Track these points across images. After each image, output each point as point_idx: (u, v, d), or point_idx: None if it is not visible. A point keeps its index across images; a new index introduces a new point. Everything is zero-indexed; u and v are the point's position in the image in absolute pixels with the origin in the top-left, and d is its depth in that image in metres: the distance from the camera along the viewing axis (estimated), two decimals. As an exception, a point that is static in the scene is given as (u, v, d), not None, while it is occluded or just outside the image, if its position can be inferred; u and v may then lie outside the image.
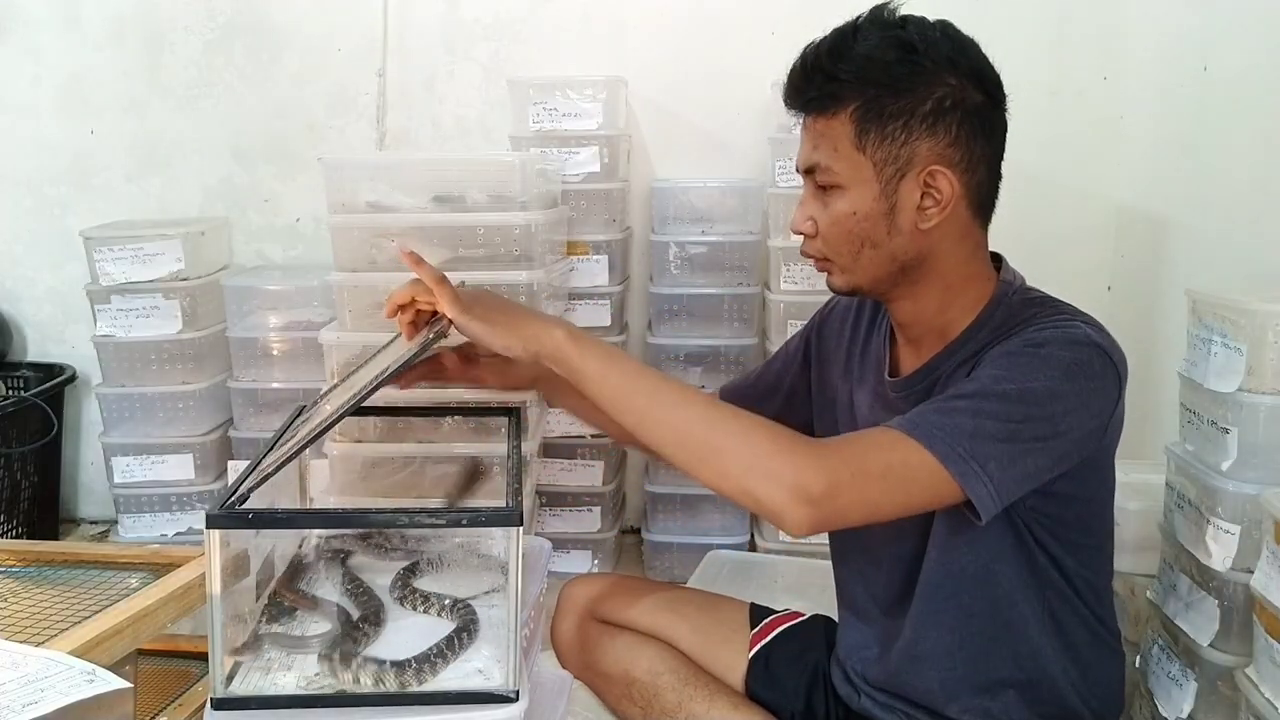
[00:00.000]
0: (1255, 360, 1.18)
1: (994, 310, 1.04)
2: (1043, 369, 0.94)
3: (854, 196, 1.00)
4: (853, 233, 1.01)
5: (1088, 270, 2.14)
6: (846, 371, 1.20)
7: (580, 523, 2.11)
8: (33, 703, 0.72)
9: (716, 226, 2.06)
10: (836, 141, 1.00)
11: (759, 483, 0.91)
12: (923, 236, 1.01)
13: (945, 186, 0.99)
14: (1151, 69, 2.00)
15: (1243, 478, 1.19)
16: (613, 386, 0.99)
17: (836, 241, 1.03)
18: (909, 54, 0.97)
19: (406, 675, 0.99)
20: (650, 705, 1.27)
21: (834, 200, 1.02)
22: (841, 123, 0.99)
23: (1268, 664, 1.10)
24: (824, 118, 1.01)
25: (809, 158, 1.03)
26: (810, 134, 1.03)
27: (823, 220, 1.03)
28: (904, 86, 0.97)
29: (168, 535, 2.15)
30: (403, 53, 2.22)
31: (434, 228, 1.77)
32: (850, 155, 0.99)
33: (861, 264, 1.03)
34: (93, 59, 2.26)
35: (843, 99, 0.98)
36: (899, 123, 0.97)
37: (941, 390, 1.02)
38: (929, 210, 1.00)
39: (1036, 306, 1.03)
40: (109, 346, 2.09)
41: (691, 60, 2.17)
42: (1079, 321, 0.99)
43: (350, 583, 1.18)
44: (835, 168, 1.00)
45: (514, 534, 0.99)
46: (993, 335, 1.02)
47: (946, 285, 1.04)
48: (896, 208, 1.00)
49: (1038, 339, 0.96)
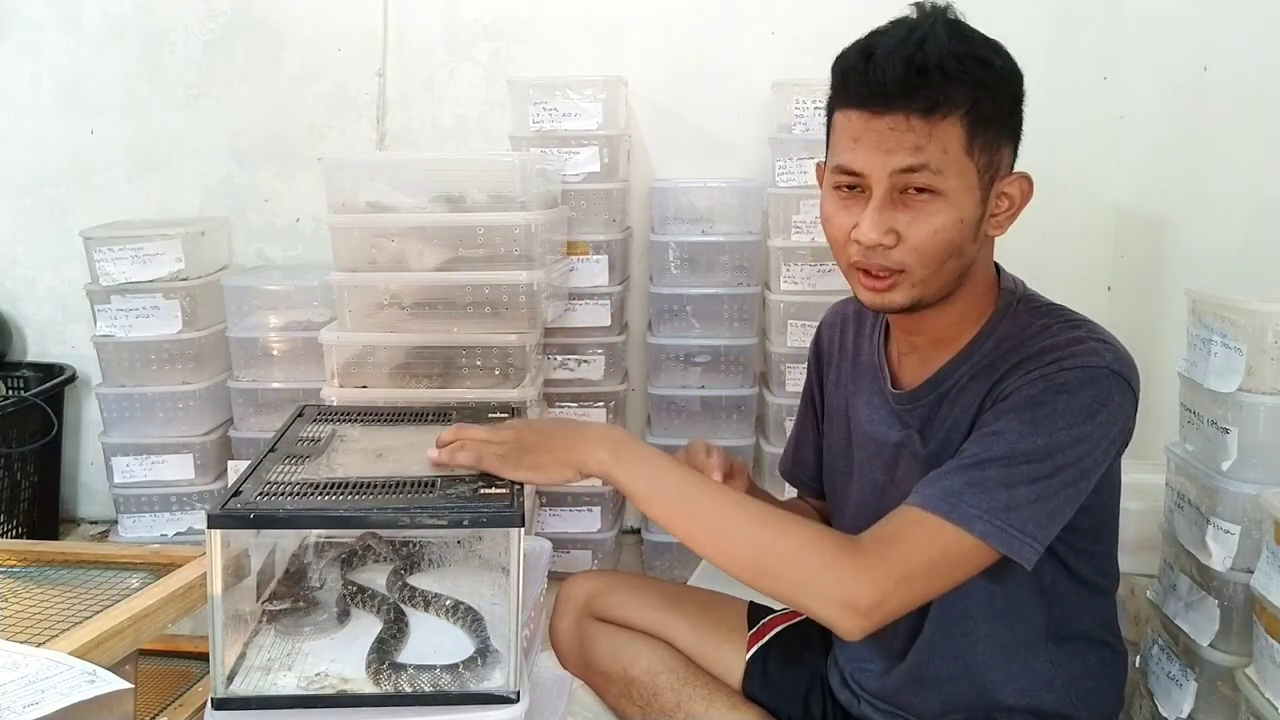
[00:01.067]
0: (1255, 360, 1.18)
1: (999, 320, 1.03)
2: (1066, 416, 0.93)
3: (959, 203, 0.95)
4: (950, 243, 0.96)
5: (1088, 270, 2.14)
6: (839, 384, 1.19)
7: (580, 523, 2.11)
8: (34, 703, 0.72)
9: (716, 226, 2.06)
10: (946, 144, 0.93)
11: (812, 602, 0.93)
12: (987, 244, 1.01)
13: (1022, 191, 0.99)
14: (1151, 69, 2.00)
15: (1243, 478, 1.19)
16: (659, 509, 0.99)
17: (930, 252, 0.95)
18: (1001, 58, 0.96)
19: (443, 681, 1.00)
20: (649, 705, 1.27)
21: (933, 208, 0.94)
22: (952, 125, 0.93)
23: (1268, 664, 1.10)
24: (932, 119, 0.93)
25: (910, 157, 0.93)
26: (913, 134, 0.93)
27: (916, 230, 0.95)
28: (1001, 91, 0.95)
29: (168, 535, 2.15)
30: (403, 53, 2.22)
31: (434, 228, 1.77)
32: (960, 160, 0.94)
33: (941, 275, 0.98)
34: (93, 59, 2.26)
35: (958, 101, 0.93)
36: (996, 128, 0.95)
37: (952, 404, 1.02)
38: (1000, 216, 0.99)
39: (1043, 317, 1.02)
40: (109, 346, 2.09)
41: (691, 60, 2.17)
42: (1093, 340, 0.97)
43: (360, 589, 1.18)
44: (947, 171, 0.94)
45: (514, 534, 0.99)
46: (999, 347, 1.01)
47: (975, 291, 1.03)
48: (984, 216, 0.98)
49: (1059, 381, 0.93)
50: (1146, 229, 2.01)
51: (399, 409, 1.43)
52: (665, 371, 2.10)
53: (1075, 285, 2.14)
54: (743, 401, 2.08)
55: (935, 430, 1.05)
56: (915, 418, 1.06)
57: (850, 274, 1.02)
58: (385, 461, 1.17)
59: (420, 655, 1.06)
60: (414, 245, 1.77)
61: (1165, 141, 1.94)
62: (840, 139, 0.98)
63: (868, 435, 1.12)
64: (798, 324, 1.98)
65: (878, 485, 1.11)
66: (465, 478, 1.08)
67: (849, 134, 0.96)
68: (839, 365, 1.20)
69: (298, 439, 1.23)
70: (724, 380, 2.09)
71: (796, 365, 2.00)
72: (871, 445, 1.12)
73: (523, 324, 1.77)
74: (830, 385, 1.22)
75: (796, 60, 2.05)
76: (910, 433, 1.07)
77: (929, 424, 1.06)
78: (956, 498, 0.91)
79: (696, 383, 2.09)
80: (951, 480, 0.93)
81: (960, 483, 0.92)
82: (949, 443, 1.02)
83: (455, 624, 1.12)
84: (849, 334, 1.20)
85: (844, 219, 0.99)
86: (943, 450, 1.03)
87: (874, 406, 1.12)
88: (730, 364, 2.09)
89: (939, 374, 1.05)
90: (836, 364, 1.20)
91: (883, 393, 1.12)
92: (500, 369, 1.78)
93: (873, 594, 0.90)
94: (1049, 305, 1.05)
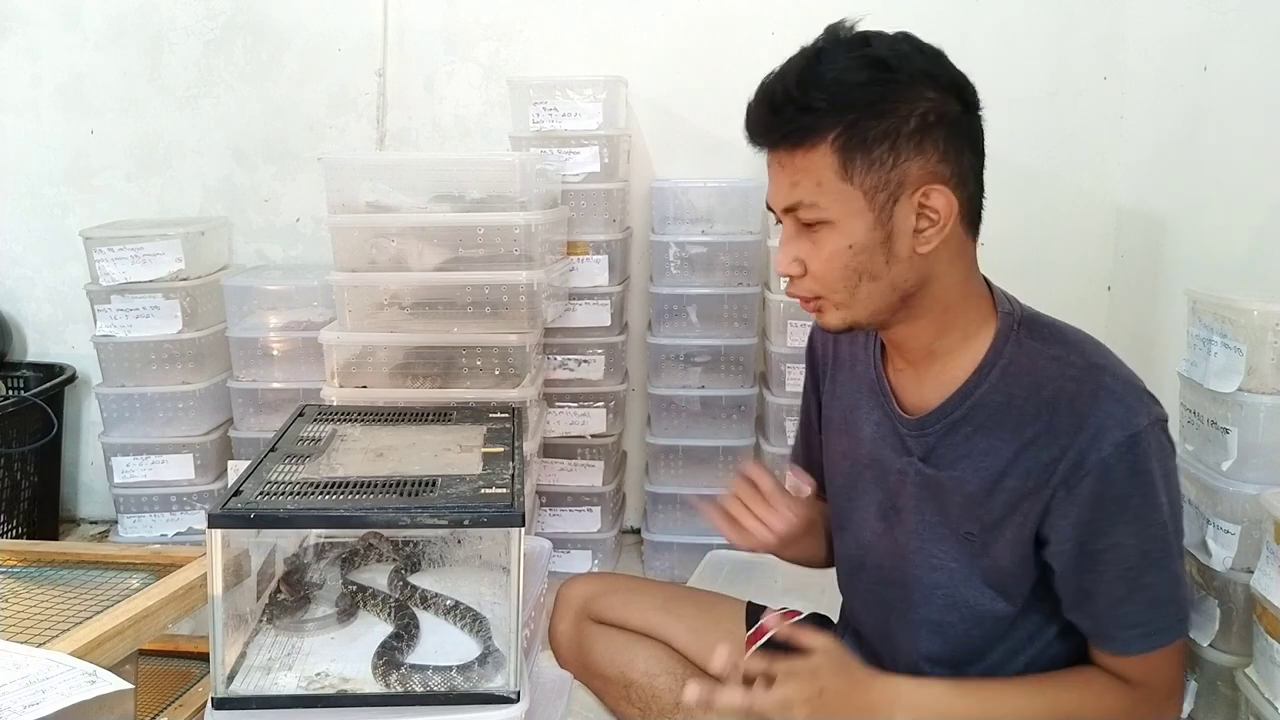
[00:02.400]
0: (1255, 360, 1.18)
1: (1002, 345, 1.01)
2: (1168, 499, 0.97)
3: (847, 230, 0.94)
4: (849, 268, 0.96)
5: (1088, 270, 2.14)
6: (836, 394, 1.17)
7: (580, 523, 2.12)
8: (34, 704, 0.72)
9: (716, 226, 2.07)
10: (819, 175, 0.93)
11: None
12: (922, 260, 0.97)
13: (942, 205, 0.94)
14: (1151, 69, 2.00)
15: (1243, 478, 1.19)
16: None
17: (831, 279, 0.97)
18: (883, 72, 0.92)
19: (444, 681, 1.00)
20: (648, 707, 1.27)
21: (824, 237, 0.96)
22: (821, 154, 0.93)
23: (1268, 664, 1.10)
24: (800, 151, 0.94)
25: (788, 196, 0.96)
26: (786, 170, 0.96)
27: (814, 259, 0.97)
28: (884, 107, 0.91)
29: (168, 535, 2.15)
30: (403, 53, 2.22)
31: (434, 228, 1.77)
32: (836, 187, 0.93)
33: (859, 299, 0.98)
34: (93, 59, 2.26)
35: (820, 129, 0.92)
36: (884, 145, 0.92)
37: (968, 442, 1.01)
38: (927, 232, 0.95)
39: (1050, 344, 1.00)
40: (109, 346, 2.09)
41: (691, 60, 2.17)
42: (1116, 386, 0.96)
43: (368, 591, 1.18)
44: (822, 203, 0.94)
45: (515, 534, 1.00)
46: (1011, 382, 0.99)
47: (945, 307, 1.01)
48: (893, 234, 0.94)
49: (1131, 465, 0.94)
50: (1146, 229, 2.01)
51: (399, 409, 1.43)
52: (665, 371, 2.10)
53: (1075, 285, 2.15)
54: (743, 401, 2.08)
55: (944, 462, 1.03)
56: (920, 445, 1.05)
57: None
58: (385, 461, 1.17)
59: (421, 655, 1.07)
60: (414, 245, 1.77)
61: (1165, 141, 1.94)
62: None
63: (872, 455, 1.11)
64: (798, 324, 1.98)
65: (881, 507, 1.10)
66: (465, 477, 1.08)
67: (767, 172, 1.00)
68: (834, 375, 1.19)
69: (298, 439, 1.23)
70: (724, 380, 2.09)
71: (796, 365, 2.00)
72: (877, 466, 1.10)
73: (523, 324, 1.77)
74: (827, 395, 1.20)
75: (796, 60, 2.04)
76: (912, 460, 1.06)
77: (934, 454, 1.04)
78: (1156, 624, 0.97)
79: (696, 383, 2.09)
80: (1129, 610, 0.97)
81: (1140, 610, 0.97)
82: (962, 480, 1.01)
83: (455, 624, 1.13)
84: (843, 344, 1.18)
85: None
86: (953, 485, 1.02)
87: (876, 424, 1.11)
88: (730, 364, 2.09)
89: (947, 404, 1.03)
90: (832, 374, 1.19)
91: (886, 412, 1.09)
92: (500, 369, 1.78)
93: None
94: (1050, 327, 1.03)
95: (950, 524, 1.03)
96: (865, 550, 1.12)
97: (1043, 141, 2.09)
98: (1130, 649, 0.98)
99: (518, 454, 1.19)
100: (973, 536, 1.02)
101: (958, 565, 1.04)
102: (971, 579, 1.03)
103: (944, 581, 1.05)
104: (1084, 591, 0.98)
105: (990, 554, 1.01)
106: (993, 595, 1.03)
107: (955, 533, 1.03)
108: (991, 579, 1.02)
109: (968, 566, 1.03)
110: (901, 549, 1.08)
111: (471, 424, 1.34)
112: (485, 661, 1.02)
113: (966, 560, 1.03)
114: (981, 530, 1.01)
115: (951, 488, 1.02)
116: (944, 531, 1.04)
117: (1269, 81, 1.58)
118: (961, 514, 1.02)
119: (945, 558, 1.04)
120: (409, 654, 1.05)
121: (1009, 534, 1.00)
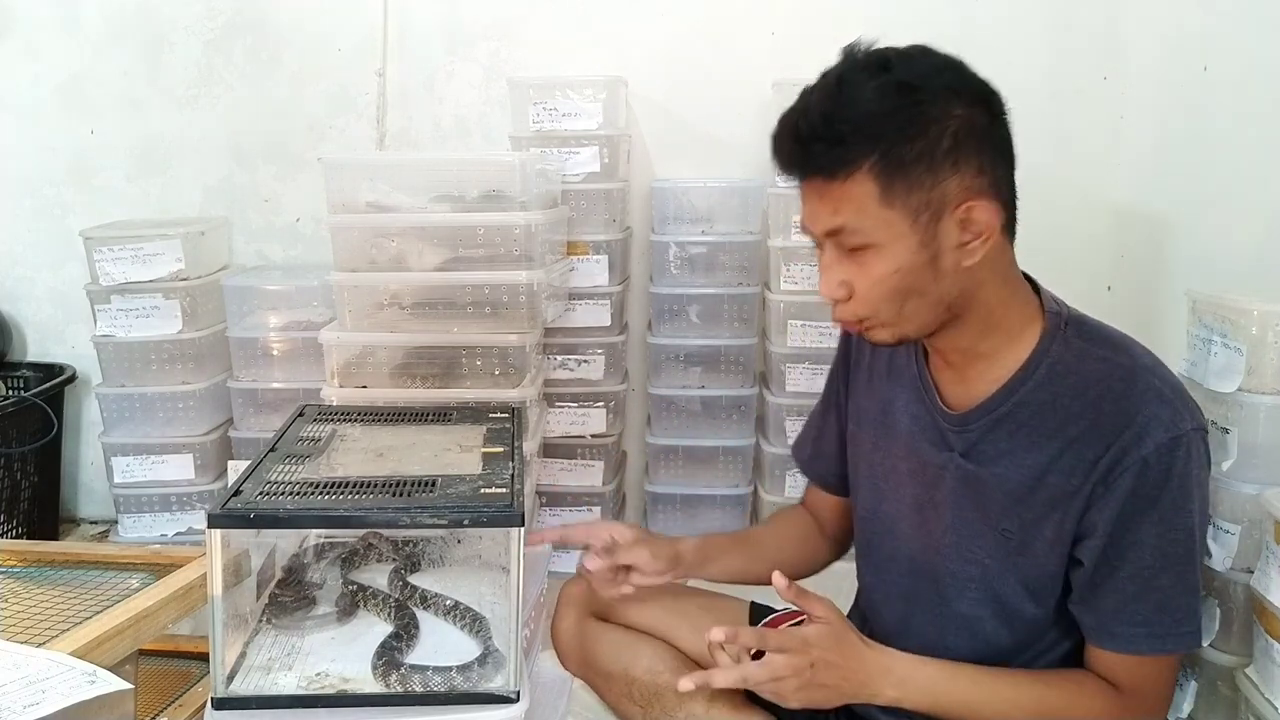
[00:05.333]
0: (1255, 360, 1.18)
1: (1049, 346, 1.01)
2: (1198, 507, 0.97)
3: (893, 253, 0.95)
4: (897, 289, 0.96)
5: (1088, 270, 2.14)
6: (873, 387, 1.17)
7: (580, 523, 2.11)
8: (34, 704, 0.72)
9: (716, 226, 2.06)
10: (859, 202, 0.93)
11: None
12: (966, 273, 0.97)
13: (985, 218, 0.95)
14: (1151, 69, 2.00)
15: (1243, 478, 1.19)
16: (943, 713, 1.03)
17: (879, 301, 0.97)
18: (910, 95, 0.92)
19: (444, 681, 1.00)
20: (650, 705, 1.27)
21: (869, 260, 0.96)
22: (859, 182, 0.93)
23: (1268, 664, 1.10)
24: (836, 181, 0.94)
25: (829, 222, 0.96)
26: (825, 199, 0.95)
27: (860, 282, 0.97)
28: (915, 130, 0.92)
29: (168, 535, 2.14)
30: (403, 53, 2.22)
31: (434, 228, 1.77)
32: (878, 213, 0.93)
33: (906, 315, 0.98)
34: (93, 59, 2.26)
35: (854, 160, 0.92)
36: (921, 167, 0.92)
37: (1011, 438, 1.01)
38: (970, 245, 0.96)
39: (1097, 345, 1.01)
40: (109, 346, 2.09)
41: (691, 60, 2.17)
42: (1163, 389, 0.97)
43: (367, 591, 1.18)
44: (865, 228, 0.94)
45: (515, 534, 1.00)
46: (1056, 380, 1.00)
47: (989, 311, 1.01)
48: (939, 252, 0.95)
49: (1168, 466, 0.95)
50: (1146, 229, 2.01)
51: (399, 409, 1.43)
52: (665, 371, 2.10)
53: (1075, 285, 2.12)
54: (743, 401, 2.08)
55: (986, 458, 1.04)
56: (961, 441, 1.05)
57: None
58: (385, 461, 1.17)
59: (421, 655, 1.07)
60: (414, 245, 1.77)
61: (1165, 141, 1.94)
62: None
63: (911, 449, 1.11)
64: (798, 324, 1.98)
65: (917, 500, 1.11)
66: (465, 477, 1.08)
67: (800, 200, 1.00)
68: (871, 366, 1.18)
69: (298, 439, 1.23)
70: (724, 380, 2.09)
71: (797, 365, 2.00)
72: (914, 459, 1.11)
73: (523, 324, 1.77)
74: (860, 387, 1.20)
75: (796, 60, 2.04)
76: (953, 455, 1.06)
77: (976, 450, 1.05)
78: (1162, 629, 0.98)
79: (696, 383, 2.09)
80: (1137, 608, 0.97)
81: (1148, 610, 0.97)
82: (1004, 478, 1.02)
83: (455, 624, 1.13)
84: None
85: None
86: (994, 482, 1.03)
87: (915, 418, 1.11)
88: (730, 364, 2.09)
89: (992, 400, 1.03)
90: (869, 365, 1.19)
91: (927, 406, 1.10)
92: (500, 369, 1.78)
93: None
94: (1098, 328, 1.04)
95: (989, 520, 1.04)
96: (899, 542, 1.13)
97: (1043, 141, 2.08)
98: (1129, 647, 0.98)
99: (518, 454, 1.19)
100: (1010, 534, 1.03)
101: (993, 561, 1.04)
102: (1005, 576, 1.04)
103: (977, 575, 1.06)
104: (1097, 585, 0.99)
105: (1027, 553, 1.02)
106: (1024, 595, 1.04)
107: (993, 529, 1.04)
108: (1026, 578, 1.03)
109: (1002, 563, 1.04)
110: (937, 543, 1.08)
111: (471, 424, 1.34)
112: (485, 661, 1.02)
113: (1002, 557, 1.04)
114: (1020, 528, 1.02)
115: (992, 484, 1.03)
116: (981, 528, 1.04)
117: (1269, 81, 1.58)
118: (1001, 511, 1.03)
119: (981, 554, 1.05)
120: (409, 654, 1.05)
121: (1048, 532, 1.00)
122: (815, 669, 0.98)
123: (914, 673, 1.02)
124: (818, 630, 1.00)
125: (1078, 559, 1.00)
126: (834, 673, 0.99)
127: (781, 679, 0.98)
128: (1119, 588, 0.98)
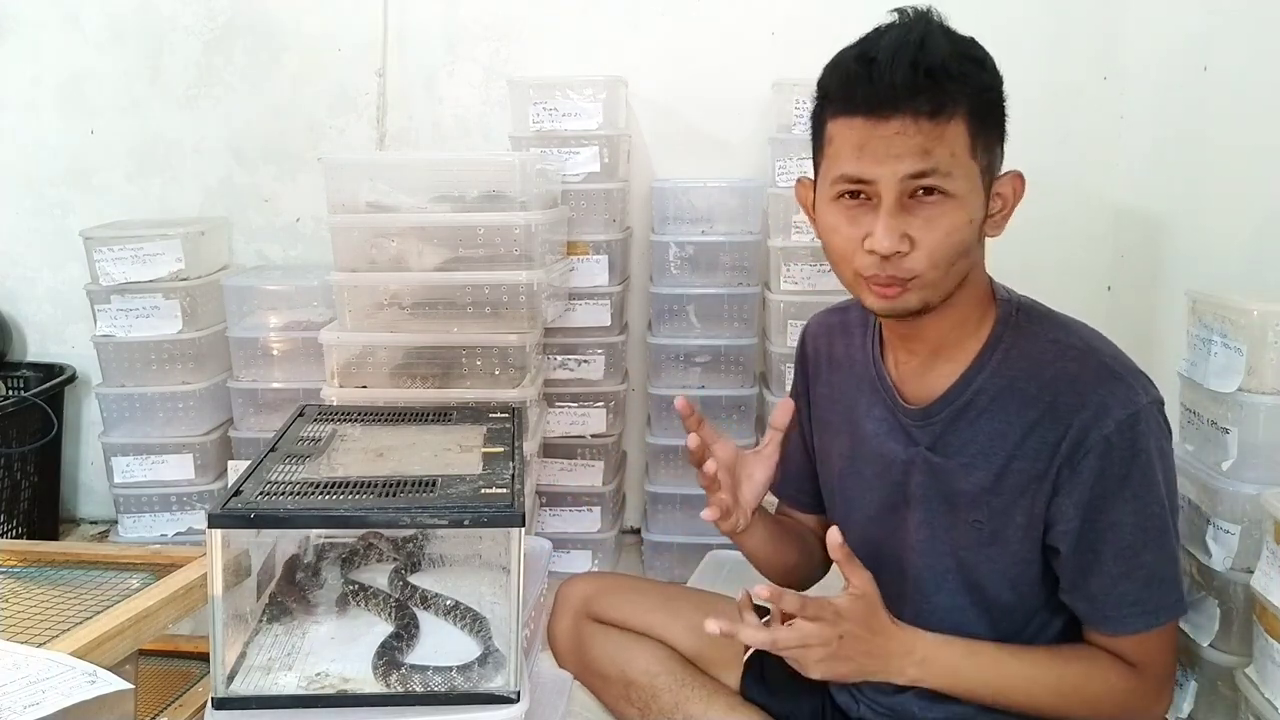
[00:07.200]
0: (1255, 360, 1.18)
1: (1002, 330, 1.03)
2: (1164, 478, 0.99)
3: (969, 205, 0.94)
4: (959, 245, 0.95)
5: (1088, 270, 2.14)
6: (834, 396, 1.17)
7: (580, 523, 2.11)
8: (34, 704, 0.72)
9: (716, 226, 2.06)
10: (953, 146, 0.92)
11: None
12: (981, 248, 1.01)
13: (1014, 190, 1.00)
14: (1151, 69, 2.00)
15: (1243, 478, 1.19)
16: (966, 699, 1.04)
17: (943, 255, 0.94)
18: (989, 56, 0.96)
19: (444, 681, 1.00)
20: (647, 707, 1.26)
21: (944, 210, 0.93)
22: (957, 126, 0.92)
23: (1268, 664, 1.10)
24: (938, 121, 0.92)
25: (915, 164, 0.92)
26: (918, 137, 0.92)
27: (929, 235, 0.94)
28: (995, 91, 0.96)
29: (168, 535, 2.14)
30: (403, 53, 2.22)
31: (434, 228, 1.77)
32: (966, 162, 0.94)
33: (950, 278, 0.97)
34: (93, 59, 2.26)
35: (961, 101, 0.92)
36: (993, 127, 0.96)
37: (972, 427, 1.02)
38: (997, 216, 0.99)
39: (1049, 329, 1.03)
40: (109, 346, 2.09)
41: (691, 60, 2.17)
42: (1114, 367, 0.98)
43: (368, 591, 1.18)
44: (955, 174, 0.93)
45: (515, 534, 1.00)
46: (1011, 365, 1.01)
47: (968, 295, 1.02)
48: (985, 217, 0.98)
49: (1130, 443, 0.96)
50: (1146, 229, 2.01)
51: (399, 409, 1.43)
52: (665, 371, 2.10)
53: (1075, 285, 2.15)
54: (743, 401, 2.08)
55: (951, 450, 1.04)
56: (926, 435, 1.06)
57: (857, 283, 1.00)
58: (385, 461, 1.17)
59: (421, 655, 1.07)
60: (414, 245, 1.77)
61: (1165, 141, 1.94)
62: (842, 147, 0.96)
63: (875, 451, 1.11)
64: (798, 324, 1.97)
65: (890, 502, 1.11)
66: (465, 477, 1.08)
67: (851, 142, 0.95)
68: (829, 378, 1.19)
69: (298, 439, 1.23)
70: (724, 380, 2.09)
71: (796, 365, 2.00)
72: (879, 461, 1.11)
73: (523, 324, 1.77)
74: (822, 398, 1.20)
75: (796, 60, 2.04)
76: (919, 450, 1.07)
77: (942, 442, 1.05)
78: (1152, 604, 0.99)
79: (696, 383, 2.09)
80: (1127, 588, 0.99)
81: (1138, 588, 0.99)
82: (971, 468, 1.03)
83: (455, 624, 1.13)
84: (838, 344, 1.18)
85: (851, 230, 0.97)
86: (961, 473, 1.03)
87: (878, 420, 1.11)
88: (730, 364, 2.09)
89: (951, 391, 1.04)
90: (827, 376, 1.19)
91: (888, 406, 1.10)
92: (500, 369, 1.78)
93: (1161, 709, 1.05)
94: (1047, 313, 1.06)
95: (958, 513, 1.05)
96: (873, 545, 1.13)
97: (1042, 141, 2.08)
98: (1127, 628, 0.99)
99: (518, 454, 1.19)
100: (981, 524, 1.03)
101: (967, 553, 1.05)
102: (981, 567, 1.04)
103: (954, 568, 1.06)
104: (1083, 571, 1.00)
105: (1000, 542, 1.03)
106: (1002, 584, 1.04)
107: (964, 521, 1.04)
108: (1002, 567, 1.03)
109: (976, 554, 1.04)
110: (910, 540, 1.09)
111: (471, 424, 1.34)
112: (485, 661, 1.02)
113: (975, 548, 1.04)
114: (990, 517, 1.03)
115: (960, 475, 1.03)
116: (952, 520, 1.05)
117: (1269, 81, 1.57)
118: (970, 503, 1.03)
119: (955, 545, 1.06)
120: (409, 654, 1.05)
121: (1019, 519, 1.01)
122: (843, 641, 0.98)
123: (936, 653, 1.03)
124: (851, 602, 0.99)
125: (1054, 547, 1.01)
126: (859, 646, 0.99)
127: (809, 647, 0.98)
128: (1105, 570, 0.99)
